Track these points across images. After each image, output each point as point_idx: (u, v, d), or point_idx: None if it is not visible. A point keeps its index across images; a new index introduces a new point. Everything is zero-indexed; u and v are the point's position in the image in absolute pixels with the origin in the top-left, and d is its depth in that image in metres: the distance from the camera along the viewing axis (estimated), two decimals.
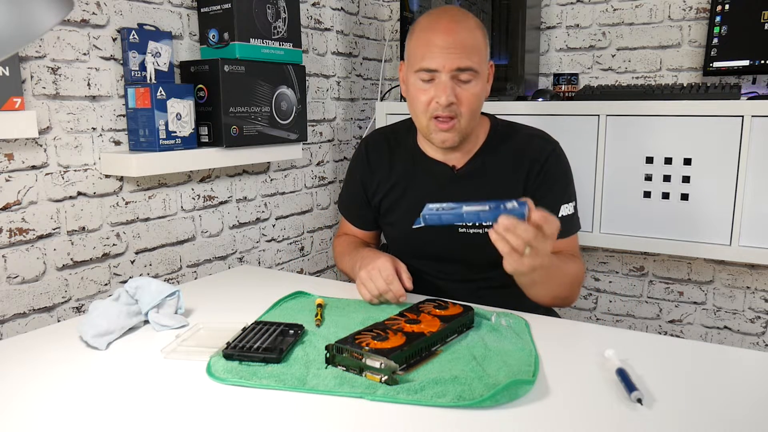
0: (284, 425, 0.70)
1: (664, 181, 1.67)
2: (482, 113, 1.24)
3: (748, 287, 1.91)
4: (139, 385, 0.80)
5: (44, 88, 1.25)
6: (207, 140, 1.52)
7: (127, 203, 1.43)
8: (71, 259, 1.33)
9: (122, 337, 0.96)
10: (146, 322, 1.01)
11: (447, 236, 1.22)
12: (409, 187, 1.27)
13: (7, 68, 1.13)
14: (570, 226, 1.22)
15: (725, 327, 1.96)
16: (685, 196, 1.65)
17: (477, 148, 1.23)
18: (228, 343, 0.87)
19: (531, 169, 1.20)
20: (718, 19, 1.74)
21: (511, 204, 0.89)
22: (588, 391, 0.78)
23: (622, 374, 0.79)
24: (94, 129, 1.35)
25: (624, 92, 1.74)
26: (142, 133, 1.37)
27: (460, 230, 1.22)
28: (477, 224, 1.20)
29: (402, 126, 1.34)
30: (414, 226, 0.96)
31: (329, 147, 2.11)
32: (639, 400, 0.73)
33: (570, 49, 2.08)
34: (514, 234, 0.88)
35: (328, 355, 0.84)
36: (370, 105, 2.31)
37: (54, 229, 1.29)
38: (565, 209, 1.20)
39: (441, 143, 1.17)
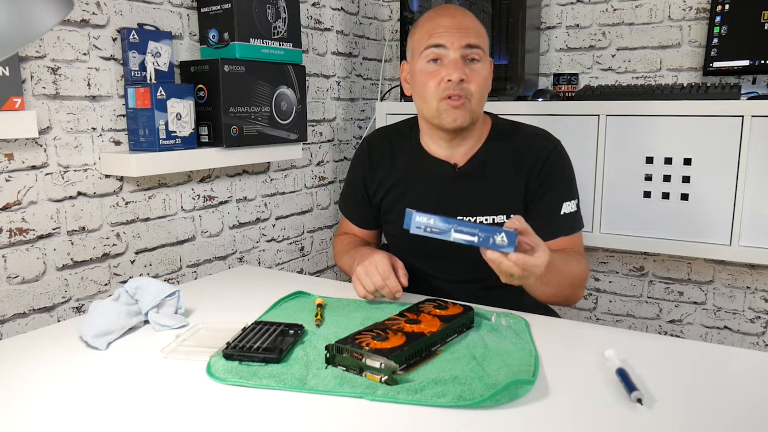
0: (284, 425, 0.70)
1: (664, 181, 1.67)
2: (484, 112, 1.24)
3: (748, 287, 1.91)
4: (139, 385, 0.80)
5: (44, 88, 1.25)
6: (207, 140, 1.52)
7: (127, 203, 1.43)
8: (71, 259, 1.33)
9: (122, 337, 0.96)
10: (146, 322, 1.01)
11: None
12: (410, 185, 1.27)
13: (7, 68, 1.13)
14: (573, 223, 1.22)
15: (725, 327, 1.96)
16: (685, 196, 1.65)
17: (479, 146, 1.23)
18: (228, 343, 0.87)
19: (532, 168, 1.19)
20: (718, 19, 1.74)
21: (501, 237, 0.88)
22: (588, 391, 0.78)
23: (622, 374, 0.79)
24: (94, 129, 1.35)
25: (624, 92, 1.74)
26: (142, 133, 1.37)
27: None
28: (478, 222, 1.20)
29: (404, 125, 1.34)
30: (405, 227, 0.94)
31: (329, 147, 2.11)
32: (639, 400, 0.73)
33: (570, 49, 2.08)
34: (499, 269, 0.92)
35: (328, 355, 0.84)
36: (370, 105, 2.31)
37: (54, 229, 1.29)
38: (567, 207, 1.20)
39: (452, 122, 1.16)
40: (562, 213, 1.19)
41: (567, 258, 1.14)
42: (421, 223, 0.90)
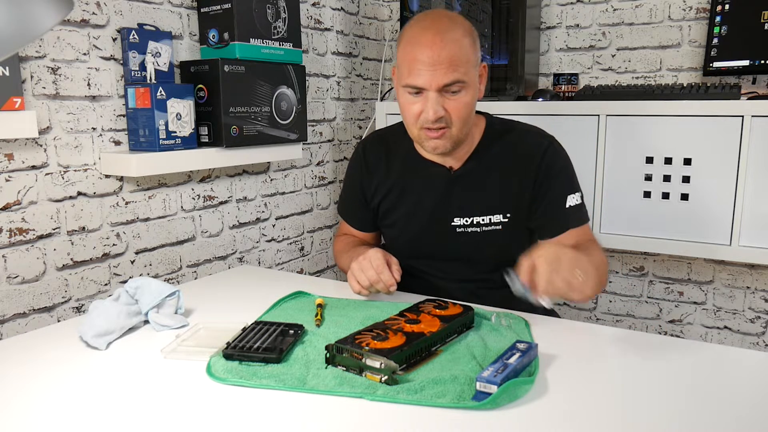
0: (284, 425, 0.70)
1: (664, 181, 1.67)
2: (478, 112, 1.23)
3: (748, 287, 1.91)
4: (139, 385, 0.80)
5: (44, 88, 1.25)
6: (207, 140, 1.52)
7: (127, 203, 1.43)
8: (71, 259, 1.33)
9: (122, 337, 0.96)
10: (146, 322, 1.01)
11: (445, 235, 1.23)
12: (406, 189, 1.27)
13: (7, 68, 1.13)
14: (580, 215, 1.22)
15: (725, 327, 1.96)
16: (685, 196, 1.65)
17: (473, 148, 1.23)
18: (228, 343, 0.87)
19: (529, 166, 1.19)
20: (718, 19, 1.73)
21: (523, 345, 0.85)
22: (588, 391, 0.78)
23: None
24: (94, 129, 1.35)
25: (624, 92, 1.74)
26: (142, 133, 1.37)
27: (458, 229, 1.22)
28: (474, 222, 1.21)
29: (399, 128, 1.33)
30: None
31: (329, 147, 2.11)
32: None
33: (570, 49, 2.08)
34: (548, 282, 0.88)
35: (328, 355, 0.84)
36: (370, 105, 2.31)
37: (54, 229, 1.29)
38: (572, 200, 1.20)
39: (432, 150, 1.17)
40: (567, 206, 1.19)
41: (585, 249, 1.11)
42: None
